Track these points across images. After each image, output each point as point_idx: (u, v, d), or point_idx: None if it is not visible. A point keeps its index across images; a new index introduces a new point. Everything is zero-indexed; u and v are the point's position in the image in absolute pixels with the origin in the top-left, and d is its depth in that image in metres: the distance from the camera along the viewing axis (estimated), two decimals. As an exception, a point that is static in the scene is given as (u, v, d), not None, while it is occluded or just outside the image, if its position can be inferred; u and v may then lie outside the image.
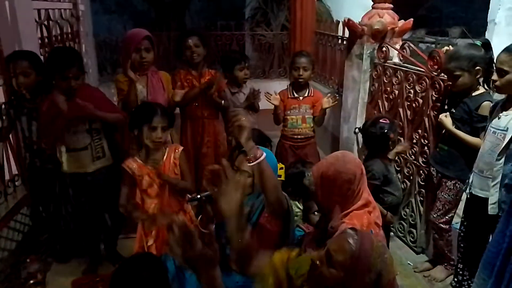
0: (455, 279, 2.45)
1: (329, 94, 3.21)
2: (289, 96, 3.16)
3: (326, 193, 1.90)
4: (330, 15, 7.55)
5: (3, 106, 2.49)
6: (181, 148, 2.43)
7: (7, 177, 2.78)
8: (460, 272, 2.40)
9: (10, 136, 2.69)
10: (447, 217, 2.51)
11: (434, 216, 2.52)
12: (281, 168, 2.76)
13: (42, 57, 3.37)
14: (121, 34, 2.92)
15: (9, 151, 2.78)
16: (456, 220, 2.60)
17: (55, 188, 2.61)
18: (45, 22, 3.56)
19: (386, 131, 2.34)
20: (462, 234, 2.40)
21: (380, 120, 2.40)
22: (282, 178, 2.72)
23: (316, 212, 2.50)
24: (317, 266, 1.37)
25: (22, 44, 2.83)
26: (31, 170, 2.60)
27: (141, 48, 2.71)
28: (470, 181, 2.21)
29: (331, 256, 1.34)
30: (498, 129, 2.03)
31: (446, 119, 2.35)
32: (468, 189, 2.24)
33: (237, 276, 2.15)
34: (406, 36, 12.40)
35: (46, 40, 3.54)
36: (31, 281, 2.43)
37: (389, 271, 1.34)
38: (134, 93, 2.70)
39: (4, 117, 2.48)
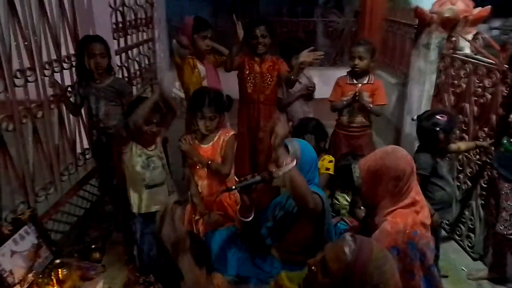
0: None
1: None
2: (348, 82, 3.07)
3: (371, 187, 1.86)
4: (407, 1, 7.15)
5: (75, 85, 2.73)
6: (232, 132, 2.51)
7: (78, 150, 3.07)
8: None
9: (82, 113, 2.96)
10: None
11: (501, 228, 2.30)
12: (331, 161, 2.72)
13: (115, 41, 3.67)
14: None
15: (81, 127, 3.08)
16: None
17: (117, 164, 2.83)
18: (120, 8, 3.79)
19: (437, 129, 2.20)
20: None
21: (437, 116, 2.25)
22: (331, 171, 2.69)
23: (362, 207, 2.45)
24: (312, 271, 1.32)
25: (95, 29, 3.05)
26: (98, 146, 2.82)
27: (208, 36, 2.89)
28: None
29: (326, 264, 1.28)
30: None
31: None
32: None
33: (276, 262, 2.21)
34: (496, 24, 11.36)
35: (120, 25, 3.78)
36: (92, 246, 2.67)
37: (388, 284, 1.25)
38: (198, 72, 2.90)
39: (76, 95, 2.72)
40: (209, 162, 2.41)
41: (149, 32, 4.78)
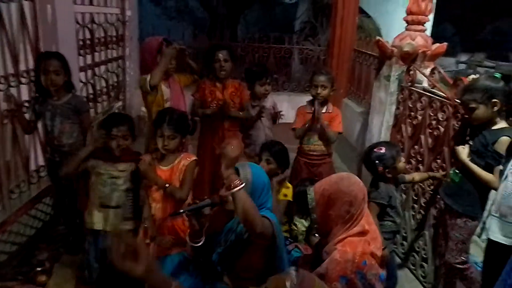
0: None
1: None
2: (308, 111, 3.11)
3: (325, 212, 1.87)
4: (379, 33, 7.39)
5: (31, 101, 2.67)
6: (193, 158, 2.48)
7: (32, 167, 2.98)
8: None
9: (39, 130, 2.88)
10: (463, 257, 2.33)
11: (449, 257, 2.35)
12: (288, 188, 2.72)
13: (81, 58, 3.63)
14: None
15: (37, 144, 2.99)
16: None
17: (72, 183, 2.75)
18: (89, 25, 3.77)
19: (376, 162, 2.30)
20: (482, 280, 2.23)
21: (375, 149, 2.35)
22: (289, 198, 2.68)
23: (316, 234, 2.44)
24: None
25: (59, 45, 3.01)
26: (51, 164, 2.74)
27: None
28: (487, 225, 2.04)
29: None
30: None
31: (462, 150, 2.21)
32: (484, 234, 2.07)
33: (228, 289, 2.16)
34: (463, 59, 11.83)
35: (87, 42, 3.75)
36: (38, 269, 2.56)
37: None
38: (161, 94, 2.85)
39: (31, 112, 2.65)
40: (167, 185, 2.37)
41: (119, 49, 4.77)
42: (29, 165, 2.92)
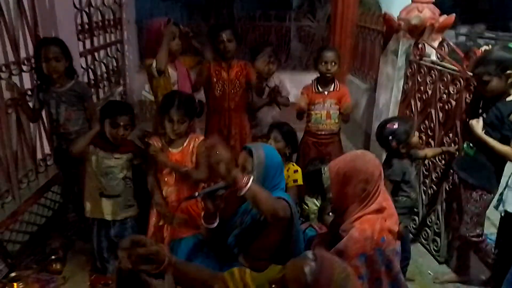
0: None
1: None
2: (314, 91, 3.06)
3: (340, 190, 1.85)
4: (379, 7, 7.25)
5: (34, 90, 2.61)
6: (201, 137, 2.46)
7: (39, 156, 2.94)
8: None
9: (43, 118, 2.84)
10: (478, 231, 2.33)
11: (464, 230, 2.34)
12: (296, 171, 2.67)
13: (81, 43, 3.56)
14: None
15: (42, 132, 2.95)
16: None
17: (79, 171, 2.72)
18: (86, 9, 3.68)
19: (389, 137, 2.28)
20: (496, 254, 2.24)
21: (388, 125, 2.32)
22: (299, 182, 2.64)
23: (330, 213, 2.44)
24: None
25: (58, 30, 2.93)
26: (58, 152, 2.71)
27: (176, 35, 2.79)
28: (504, 197, 2.03)
29: (286, 284, 1.25)
30: None
31: (476, 124, 2.18)
32: (500, 206, 2.06)
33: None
34: (463, 31, 11.60)
35: (85, 26, 3.66)
36: (52, 257, 2.56)
37: None
38: (168, 78, 2.79)
39: (35, 100, 2.60)
40: (186, 170, 2.34)
41: (117, 33, 4.67)
42: (36, 154, 2.88)
